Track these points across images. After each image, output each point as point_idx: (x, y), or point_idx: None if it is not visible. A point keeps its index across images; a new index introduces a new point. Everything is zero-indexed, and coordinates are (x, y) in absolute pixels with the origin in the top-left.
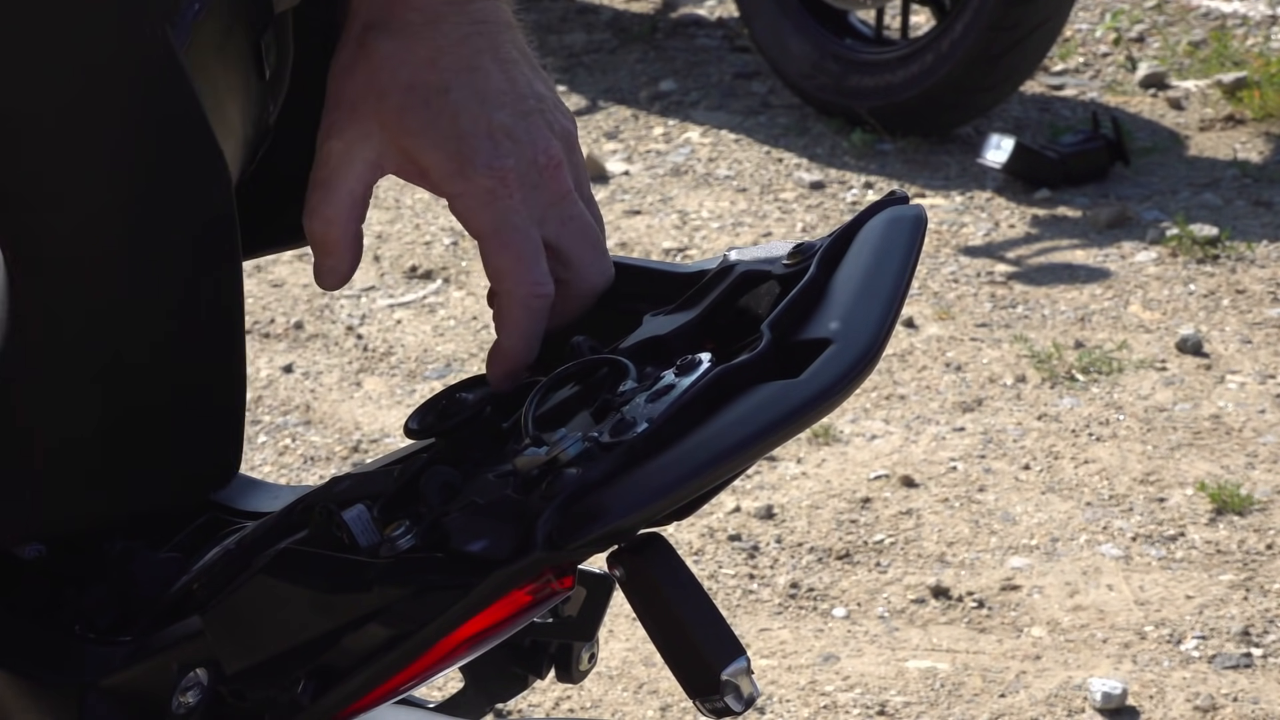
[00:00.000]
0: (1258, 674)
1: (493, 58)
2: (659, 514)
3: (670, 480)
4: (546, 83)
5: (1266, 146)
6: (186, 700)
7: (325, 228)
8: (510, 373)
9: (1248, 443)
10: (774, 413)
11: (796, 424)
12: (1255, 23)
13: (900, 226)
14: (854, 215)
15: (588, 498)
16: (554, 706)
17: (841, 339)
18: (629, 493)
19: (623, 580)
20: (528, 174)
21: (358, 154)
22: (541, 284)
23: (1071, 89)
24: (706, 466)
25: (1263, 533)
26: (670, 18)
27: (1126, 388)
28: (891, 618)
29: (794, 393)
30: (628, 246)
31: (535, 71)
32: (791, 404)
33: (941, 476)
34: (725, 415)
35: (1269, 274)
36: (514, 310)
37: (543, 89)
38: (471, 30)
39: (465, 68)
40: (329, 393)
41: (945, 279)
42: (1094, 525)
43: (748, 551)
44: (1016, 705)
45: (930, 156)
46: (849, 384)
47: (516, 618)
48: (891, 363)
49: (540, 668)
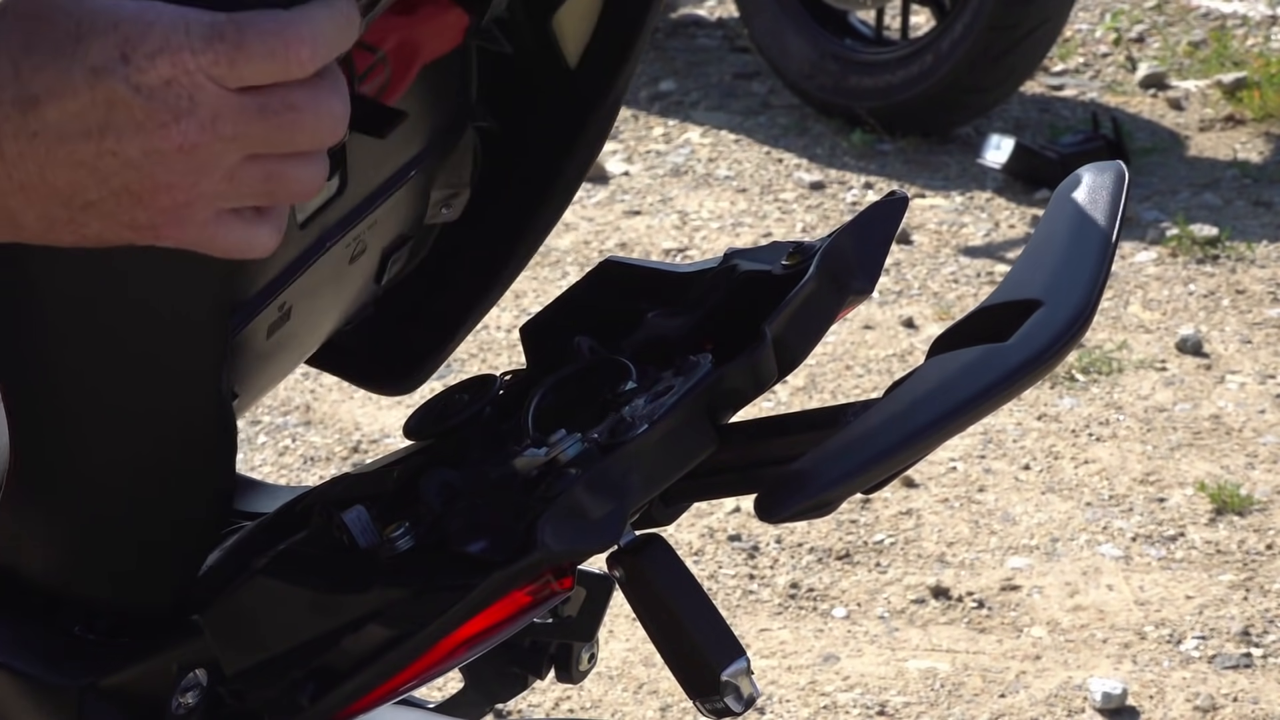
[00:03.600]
0: (1258, 674)
1: None
2: (870, 482)
3: (879, 450)
4: None
5: (1266, 146)
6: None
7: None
8: None
9: (1248, 443)
10: (984, 380)
11: (1006, 392)
12: (1255, 23)
13: (1102, 184)
14: (854, 215)
15: (795, 468)
16: (554, 706)
17: (1051, 300)
18: (840, 462)
19: (623, 581)
20: None
21: None
22: None
23: (1071, 89)
24: (914, 436)
25: (1263, 533)
26: (670, 18)
27: (1126, 388)
28: (891, 618)
29: (1004, 358)
30: (628, 247)
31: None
32: (1001, 370)
33: (941, 476)
34: (933, 381)
35: (1269, 274)
36: None
37: None
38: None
39: None
40: (329, 393)
41: (945, 279)
42: (1094, 525)
43: (748, 551)
44: (1016, 705)
45: (930, 156)
46: (1062, 349)
47: (516, 618)
48: (891, 363)
49: (540, 668)
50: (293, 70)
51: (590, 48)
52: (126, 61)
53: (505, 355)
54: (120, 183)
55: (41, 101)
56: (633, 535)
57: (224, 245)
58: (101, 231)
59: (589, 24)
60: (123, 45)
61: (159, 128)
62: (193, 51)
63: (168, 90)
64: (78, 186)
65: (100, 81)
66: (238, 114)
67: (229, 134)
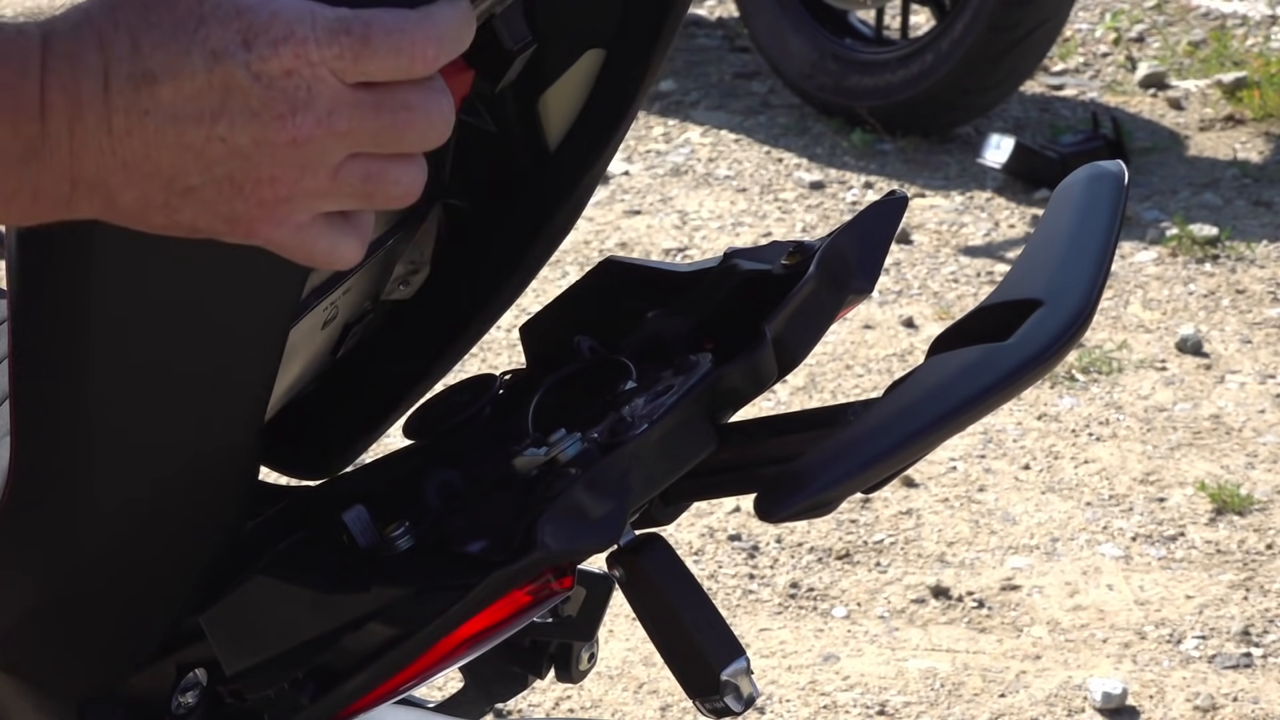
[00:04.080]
0: (1258, 674)
1: None
2: (870, 482)
3: (878, 450)
4: None
5: (1266, 146)
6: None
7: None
8: None
9: (1248, 443)
10: (984, 380)
11: (1006, 392)
12: (1255, 23)
13: (1102, 184)
14: (854, 215)
15: (795, 467)
16: (554, 706)
17: (1051, 300)
18: (840, 462)
19: (623, 581)
20: None
21: None
22: None
23: (1071, 89)
24: (914, 436)
25: (1263, 533)
26: None
27: (1126, 387)
28: (891, 618)
29: (1004, 358)
30: (628, 246)
31: None
32: (1001, 370)
33: (941, 476)
34: (933, 381)
35: (1269, 274)
36: None
37: None
38: None
39: None
40: None
41: (945, 279)
42: (1094, 525)
43: (748, 551)
44: (1016, 705)
45: (930, 156)
46: (1062, 348)
47: (516, 618)
48: (891, 363)
49: (540, 668)
50: (416, 68)
51: (573, 131)
52: (248, 48)
53: (505, 355)
54: (224, 171)
55: (158, 80)
56: (632, 535)
57: (313, 250)
58: (195, 219)
59: (575, 107)
60: (245, 31)
61: (274, 118)
62: (317, 43)
63: (287, 80)
64: (181, 170)
65: (219, 65)
66: (353, 109)
67: (342, 129)
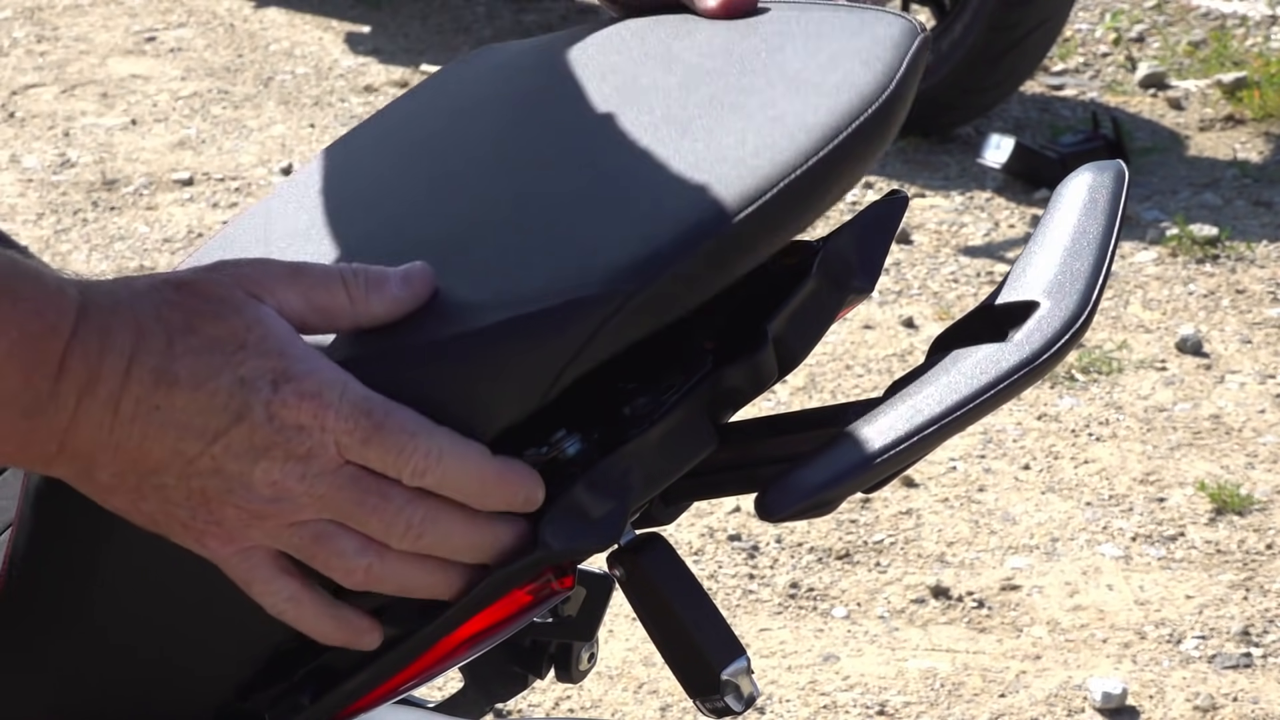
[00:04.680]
0: (1258, 674)
1: None
2: (870, 482)
3: (878, 450)
4: None
5: (1266, 146)
6: None
7: None
8: None
9: (1248, 443)
10: (983, 380)
11: (1006, 393)
12: (1255, 23)
13: (1102, 183)
14: (854, 214)
15: (795, 468)
16: (554, 706)
17: (1052, 300)
18: (840, 461)
19: (623, 580)
20: None
21: None
22: None
23: (1071, 89)
24: (913, 437)
25: (1263, 533)
26: None
27: (1126, 388)
28: (891, 618)
29: (1004, 358)
30: None
31: None
32: (1001, 371)
33: (941, 476)
34: (933, 381)
35: (1269, 274)
36: None
37: None
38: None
39: None
40: None
41: (945, 279)
42: (1094, 525)
43: (748, 551)
44: (1016, 705)
45: (930, 156)
46: (1062, 349)
47: (517, 618)
48: (891, 363)
49: (540, 667)
50: (404, 471)
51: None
52: (275, 389)
53: None
54: (200, 484)
55: (179, 384)
56: (633, 534)
57: (250, 580)
58: (154, 513)
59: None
60: (278, 373)
61: (268, 460)
62: (337, 414)
63: (296, 432)
64: (164, 468)
65: (241, 393)
66: (334, 478)
67: (319, 492)
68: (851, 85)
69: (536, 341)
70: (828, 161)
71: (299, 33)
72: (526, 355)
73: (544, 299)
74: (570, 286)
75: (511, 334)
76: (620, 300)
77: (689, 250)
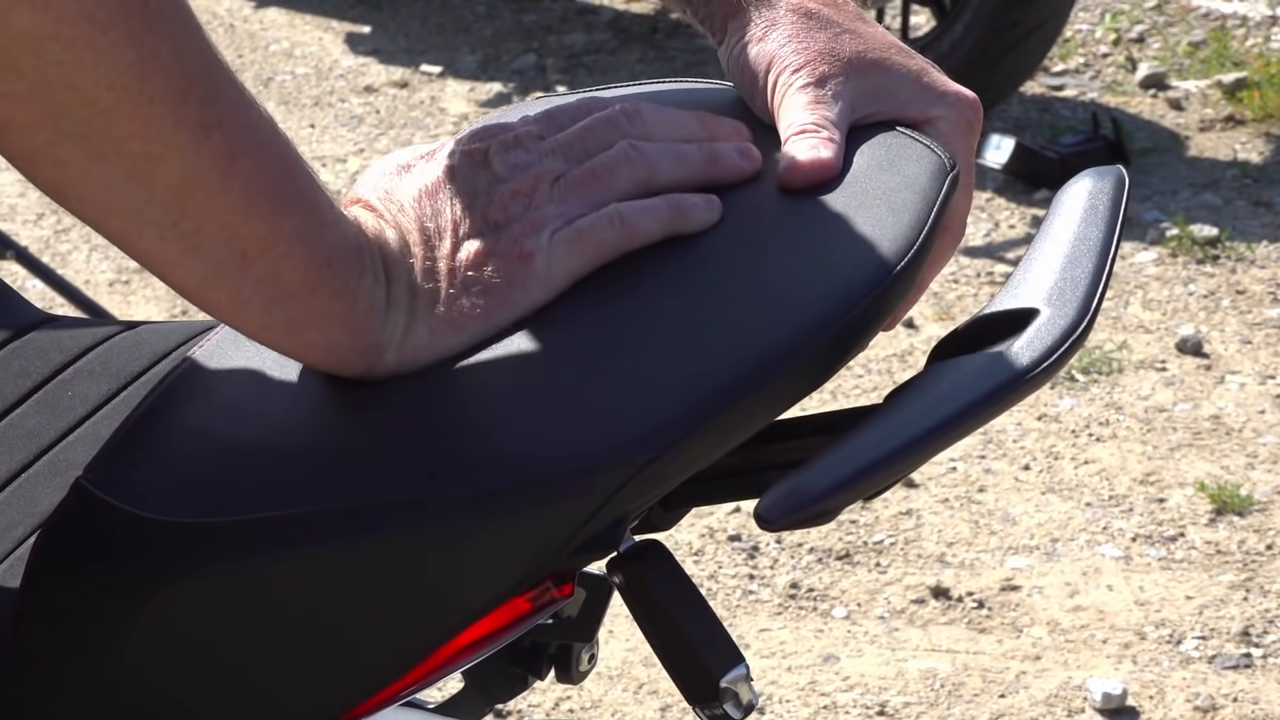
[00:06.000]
0: (1258, 674)
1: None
2: (869, 491)
3: (877, 459)
4: None
5: (1266, 146)
6: None
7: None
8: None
9: (1248, 443)
10: (983, 388)
11: (1006, 400)
12: (1255, 23)
13: (1102, 189)
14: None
15: (795, 476)
16: (554, 706)
17: (1052, 308)
18: (839, 470)
19: (621, 587)
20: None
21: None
22: None
23: (1071, 89)
24: (913, 446)
25: (1263, 533)
26: (670, 18)
27: (1126, 388)
28: (891, 618)
29: (1003, 366)
30: None
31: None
32: (1001, 378)
33: (941, 477)
34: (932, 389)
35: (1269, 274)
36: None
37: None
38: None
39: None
40: None
41: (945, 279)
42: (1094, 525)
43: (748, 551)
44: (1016, 705)
45: None
46: (1062, 356)
47: (516, 625)
48: (891, 363)
49: (540, 668)
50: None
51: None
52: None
53: None
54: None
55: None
56: (632, 541)
57: (608, 227)
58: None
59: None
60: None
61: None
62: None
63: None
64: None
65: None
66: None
67: (550, 148)
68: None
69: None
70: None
71: (299, 33)
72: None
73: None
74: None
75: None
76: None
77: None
